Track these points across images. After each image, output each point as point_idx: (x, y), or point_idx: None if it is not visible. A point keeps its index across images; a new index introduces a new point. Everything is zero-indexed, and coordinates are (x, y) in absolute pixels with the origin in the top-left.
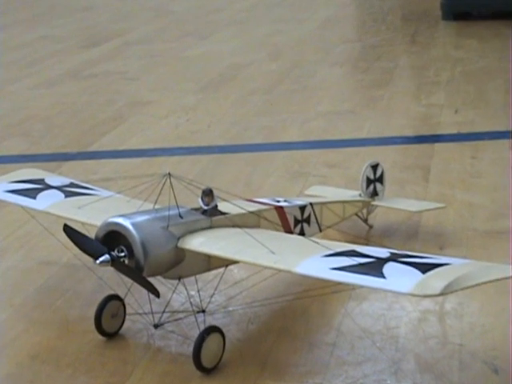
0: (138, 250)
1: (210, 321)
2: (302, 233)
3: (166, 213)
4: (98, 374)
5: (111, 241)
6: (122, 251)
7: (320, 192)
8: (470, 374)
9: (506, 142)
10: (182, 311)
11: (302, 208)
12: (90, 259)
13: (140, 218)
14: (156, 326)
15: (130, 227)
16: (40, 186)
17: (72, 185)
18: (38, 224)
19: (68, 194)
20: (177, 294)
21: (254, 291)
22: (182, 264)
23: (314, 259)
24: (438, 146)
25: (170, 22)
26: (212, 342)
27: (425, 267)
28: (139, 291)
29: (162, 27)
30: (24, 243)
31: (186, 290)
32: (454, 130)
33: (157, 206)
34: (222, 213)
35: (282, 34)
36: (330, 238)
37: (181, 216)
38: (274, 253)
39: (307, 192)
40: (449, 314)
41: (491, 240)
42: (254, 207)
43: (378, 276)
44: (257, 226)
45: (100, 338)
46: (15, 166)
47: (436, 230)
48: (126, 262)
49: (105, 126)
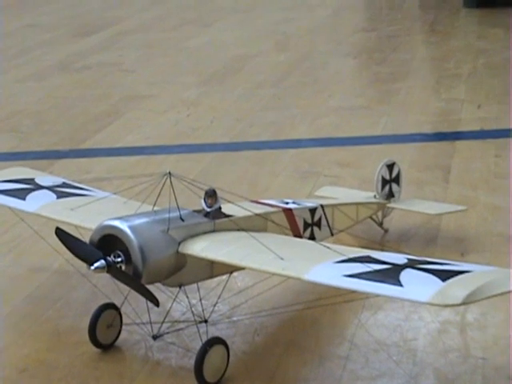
0: (136, 255)
1: (213, 332)
2: (312, 237)
3: (166, 215)
4: None
5: (107, 245)
6: (119, 256)
7: (331, 193)
8: None
9: None
10: (182, 321)
11: (313, 210)
12: (83, 265)
13: (138, 221)
14: (155, 337)
15: (128, 230)
16: (30, 186)
17: (64, 185)
18: (28, 227)
19: (60, 195)
20: (177, 303)
21: (260, 300)
22: (183, 270)
23: (325, 265)
24: (459, 143)
25: (169, 8)
26: (215, 354)
27: (445, 274)
28: (137, 299)
29: (161, 15)
30: (12, 248)
31: (188, 298)
32: (476, 127)
33: (156, 208)
34: (226, 215)
35: (290, 22)
36: (342, 243)
37: (182, 218)
38: (282, 258)
39: (318, 193)
40: (471, 325)
41: None
42: (260, 209)
43: (395, 284)
44: (264, 229)
45: (94, 350)
46: (3, 164)
47: (457, 235)
48: (123, 267)
49: (99, 121)
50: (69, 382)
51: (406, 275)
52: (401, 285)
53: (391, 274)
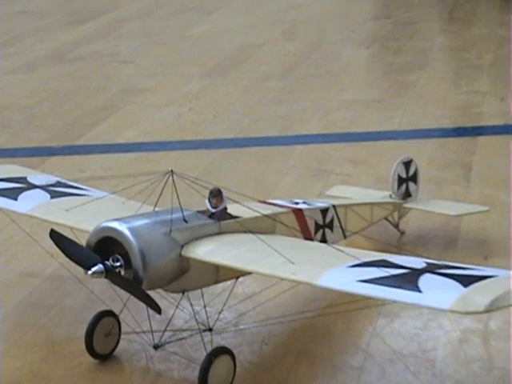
0: (136, 259)
1: (219, 341)
2: (323, 239)
3: (168, 216)
4: None
5: (105, 248)
6: (118, 260)
7: (344, 193)
8: None
9: None
10: (185, 330)
11: (324, 211)
12: (79, 270)
13: (138, 223)
14: (156, 346)
15: (127, 233)
16: (22, 186)
17: (59, 184)
18: (20, 229)
19: (54, 195)
20: (180, 310)
21: (268, 307)
22: (186, 275)
23: (338, 270)
24: (480, 139)
25: None
26: (221, 365)
27: (467, 280)
28: (137, 307)
29: (160, 1)
30: (3, 251)
31: (191, 305)
32: (499, 121)
33: (157, 209)
34: (233, 216)
35: (299, 8)
36: (356, 246)
37: (185, 220)
38: (292, 262)
39: (329, 193)
40: (494, 334)
41: None
42: (268, 210)
43: (413, 290)
44: (272, 231)
45: (91, 360)
46: None
47: (479, 237)
48: (123, 272)
49: (94, 116)
50: None
51: (425, 280)
52: (419, 291)
53: (409, 279)
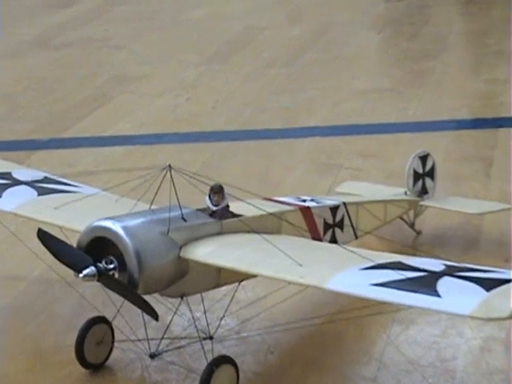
0: (132, 261)
1: (220, 350)
2: (333, 240)
3: (166, 214)
4: None
5: (97, 249)
6: (111, 262)
7: (355, 189)
8: None
9: None
10: (184, 337)
11: (334, 209)
12: (69, 272)
13: (133, 222)
14: (152, 355)
15: (121, 232)
16: (6, 182)
17: (46, 180)
18: (4, 228)
19: (42, 191)
20: (178, 316)
21: (274, 313)
22: (185, 278)
23: (349, 273)
24: (501, 131)
25: None
26: (222, 375)
27: (489, 283)
28: (131, 312)
29: None
30: None
31: (190, 311)
32: None
33: (154, 207)
34: (235, 215)
35: None
36: (368, 247)
37: (184, 218)
38: (300, 264)
39: (339, 189)
40: None
41: None
42: (273, 208)
43: (431, 294)
44: (278, 231)
45: (82, 370)
46: None
47: (501, 238)
48: (116, 275)
49: (83, 106)
50: None
51: (444, 284)
52: (438, 295)
53: (427, 283)
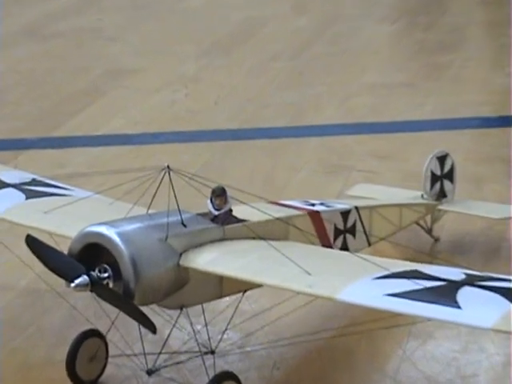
0: (127, 270)
1: (222, 365)
2: (344, 247)
3: (164, 219)
4: None
5: (91, 257)
6: (106, 271)
7: (368, 192)
8: None
9: None
10: (184, 352)
11: (345, 214)
12: (60, 282)
13: (129, 227)
14: (150, 371)
15: (116, 239)
16: None
17: (35, 182)
18: None
19: (30, 195)
20: (178, 329)
21: (280, 326)
22: (184, 288)
23: (362, 282)
24: None
25: None
26: None
27: None
28: (127, 325)
29: None
30: None
31: (191, 323)
32: None
33: (151, 211)
34: (239, 219)
35: None
36: (382, 255)
37: (184, 224)
38: (308, 273)
39: (350, 192)
40: None
41: None
42: (280, 212)
43: (451, 305)
44: (285, 237)
45: None
46: None
47: None
48: (111, 285)
49: (75, 102)
50: None
51: (465, 294)
52: (458, 306)
53: (446, 293)
